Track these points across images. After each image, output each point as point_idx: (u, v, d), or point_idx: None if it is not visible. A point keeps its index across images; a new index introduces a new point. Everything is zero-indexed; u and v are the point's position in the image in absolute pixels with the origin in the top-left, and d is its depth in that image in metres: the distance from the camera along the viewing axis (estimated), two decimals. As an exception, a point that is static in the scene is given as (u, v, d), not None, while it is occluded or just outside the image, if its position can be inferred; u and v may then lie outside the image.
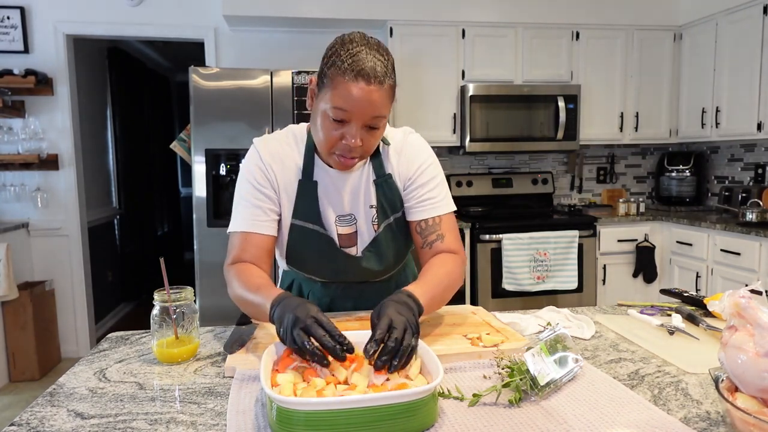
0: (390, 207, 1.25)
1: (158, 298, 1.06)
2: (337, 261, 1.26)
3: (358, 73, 1.04)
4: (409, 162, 1.25)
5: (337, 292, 1.34)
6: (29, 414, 0.84)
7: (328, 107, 1.08)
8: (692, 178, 4.11)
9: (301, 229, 1.23)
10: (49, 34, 3.58)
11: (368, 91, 1.05)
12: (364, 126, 1.09)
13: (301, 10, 3.53)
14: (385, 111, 1.09)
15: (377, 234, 1.25)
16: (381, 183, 1.25)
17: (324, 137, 1.12)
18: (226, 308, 3.11)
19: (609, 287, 3.76)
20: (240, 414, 0.83)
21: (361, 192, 1.25)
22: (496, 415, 0.82)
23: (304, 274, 1.32)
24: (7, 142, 3.53)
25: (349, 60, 1.05)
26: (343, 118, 1.08)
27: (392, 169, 1.26)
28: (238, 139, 3.10)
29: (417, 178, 1.25)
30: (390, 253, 1.28)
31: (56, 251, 3.72)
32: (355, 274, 1.29)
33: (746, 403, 0.72)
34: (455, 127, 3.78)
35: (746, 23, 3.42)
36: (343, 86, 1.05)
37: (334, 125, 1.09)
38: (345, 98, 1.05)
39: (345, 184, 1.24)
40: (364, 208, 1.25)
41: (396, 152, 1.26)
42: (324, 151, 1.15)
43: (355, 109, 1.06)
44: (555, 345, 0.94)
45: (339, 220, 1.25)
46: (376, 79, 1.05)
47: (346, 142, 1.10)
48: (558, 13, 3.84)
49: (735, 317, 0.76)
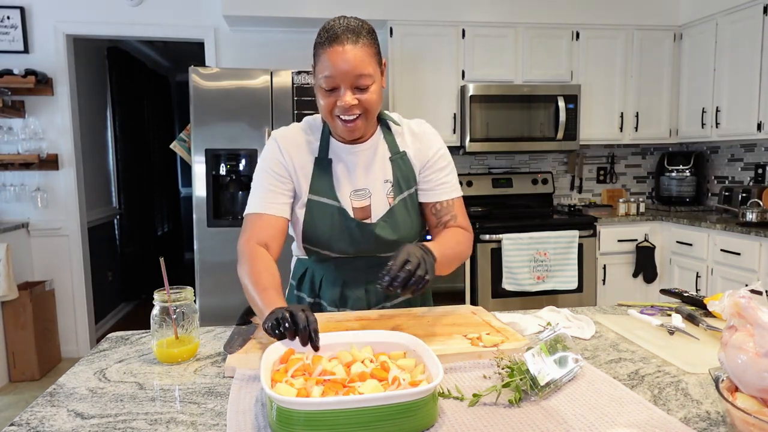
0: (405, 182, 1.33)
1: (158, 298, 1.06)
2: (352, 231, 1.29)
3: (331, 39, 1.15)
4: (427, 147, 1.35)
5: (351, 274, 1.35)
6: (29, 414, 0.84)
7: (320, 80, 1.19)
8: (692, 178, 4.11)
9: (317, 204, 1.29)
10: (49, 34, 3.58)
11: (342, 52, 1.15)
12: (353, 87, 1.18)
13: (301, 10, 3.53)
14: (366, 69, 1.17)
15: (393, 205, 1.31)
16: (396, 159, 1.33)
17: (324, 108, 1.22)
18: (226, 308, 3.13)
19: (609, 287, 3.76)
20: (240, 414, 0.83)
21: (376, 167, 1.32)
22: (496, 415, 0.82)
23: (319, 252, 1.32)
24: (7, 142, 3.53)
25: (324, 34, 1.18)
26: (332, 85, 1.17)
27: (407, 149, 1.35)
28: (238, 139, 3.10)
29: (435, 163, 1.35)
30: (403, 225, 1.32)
31: (56, 251, 3.72)
32: (369, 245, 1.31)
33: (746, 403, 0.72)
34: (455, 127, 3.78)
35: (746, 23, 3.42)
36: (324, 56, 1.17)
37: (327, 95, 1.19)
38: (326, 66, 1.16)
39: (359, 160, 1.32)
40: (379, 182, 1.32)
41: (412, 135, 1.36)
42: (329, 120, 1.24)
43: (337, 73, 1.15)
44: (555, 345, 0.95)
45: (354, 194, 1.31)
46: (348, 40, 1.15)
47: (340, 103, 1.18)
48: (558, 13, 3.84)
49: (735, 317, 0.76)
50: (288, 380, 0.82)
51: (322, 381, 0.82)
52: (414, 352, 0.92)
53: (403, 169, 1.33)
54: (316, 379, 0.82)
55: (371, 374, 0.83)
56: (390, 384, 0.81)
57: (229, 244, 3.11)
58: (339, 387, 0.80)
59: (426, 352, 0.89)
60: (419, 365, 0.88)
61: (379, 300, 1.37)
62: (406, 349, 0.93)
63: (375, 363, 0.88)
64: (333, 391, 0.79)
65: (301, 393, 0.78)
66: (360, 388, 0.79)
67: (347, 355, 0.90)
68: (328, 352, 0.94)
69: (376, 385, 0.80)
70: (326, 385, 0.81)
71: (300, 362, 0.87)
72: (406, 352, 0.93)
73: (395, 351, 0.93)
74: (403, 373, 0.84)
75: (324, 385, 0.80)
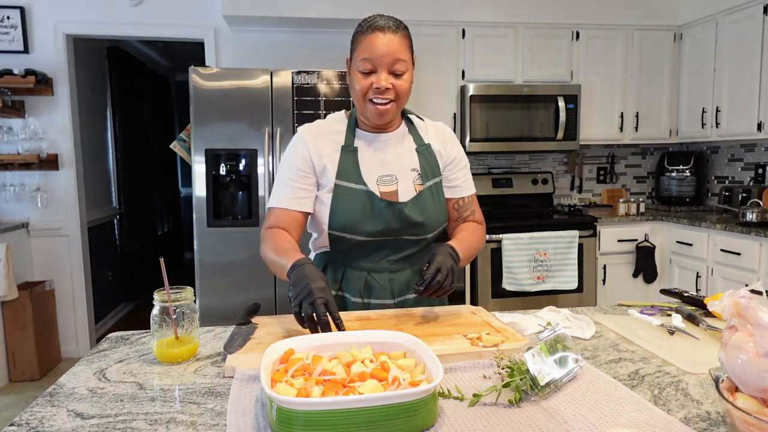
0: (431, 172, 1.41)
1: (158, 298, 1.06)
2: (380, 210, 1.33)
3: (373, 27, 1.27)
4: (452, 146, 1.47)
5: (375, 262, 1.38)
6: (29, 414, 0.84)
7: (358, 64, 1.28)
8: (692, 178, 4.11)
9: (344, 189, 1.34)
10: (49, 34, 3.58)
11: (383, 38, 1.26)
12: (389, 72, 1.27)
13: (301, 10, 3.52)
14: (404, 55, 1.28)
15: (421, 190, 1.38)
16: (422, 150, 1.41)
17: (358, 90, 1.30)
18: (226, 308, 3.13)
19: (609, 287, 3.76)
20: (240, 414, 0.83)
21: (403, 156, 1.40)
22: (496, 415, 0.82)
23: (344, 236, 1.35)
24: (7, 142, 3.53)
25: (365, 24, 1.30)
26: (370, 68, 1.27)
27: (432, 143, 1.43)
28: (238, 139, 3.10)
29: (458, 162, 1.47)
30: (431, 209, 1.38)
31: (56, 251, 3.72)
32: (397, 224, 1.34)
33: (746, 403, 0.72)
34: (455, 127, 3.78)
35: (746, 23, 3.42)
36: (364, 41, 1.27)
37: (364, 77, 1.29)
38: (367, 49, 1.27)
39: (387, 148, 1.39)
40: (406, 170, 1.39)
41: (437, 131, 1.46)
42: (361, 104, 1.32)
43: (377, 55, 1.26)
44: (555, 345, 0.94)
45: (380, 180, 1.37)
46: (389, 29, 1.27)
47: (376, 85, 1.27)
48: (558, 13, 3.84)
49: (735, 317, 0.76)
50: (288, 380, 0.82)
51: (322, 381, 0.82)
52: (414, 352, 0.92)
53: (429, 159, 1.41)
54: (316, 379, 0.82)
55: (371, 374, 0.83)
56: (390, 384, 0.81)
57: (229, 244, 3.11)
58: (339, 387, 0.80)
59: (426, 352, 0.89)
60: (419, 365, 0.88)
61: (402, 290, 1.40)
62: (406, 349, 0.93)
63: (375, 363, 0.88)
64: (333, 391, 0.79)
65: (301, 393, 0.78)
66: (360, 388, 0.79)
67: (347, 356, 0.90)
68: (328, 352, 0.94)
69: (376, 385, 0.80)
70: (326, 385, 0.81)
71: (300, 362, 0.87)
72: (406, 352, 0.93)
73: (395, 351, 0.93)
74: (403, 373, 0.84)
75: (324, 385, 0.80)
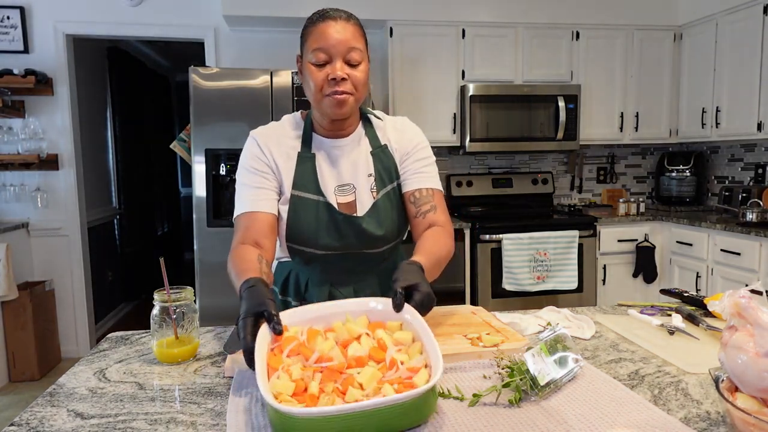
0: (387, 176, 1.32)
1: (158, 298, 1.06)
2: (338, 224, 1.26)
3: (323, 17, 1.20)
4: (409, 139, 1.35)
5: (338, 274, 1.32)
6: (29, 414, 0.84)
7: (310, 56, 1.20)
8: (692, 178, 4.11)
9: (300, 200, 1.26)
10: (49, 34, 3.58)
11: (336, 25, 1.18)
12: (344, 61, 1.19)
13: (301, 10, 3.52)
14: (358, 43, 1.20)
15: (376, 200, 1.29)
16: (378, 153, 1.32)
17: (314, 84, 1.20)
18: (226, 308, 3.13)
19: (609, 287, 3.76)
20: (240, 414, 0.83)
21: (359, 162, 1.31)
22: (496, 415, 0.82)
23: (303, 250, 1.29)
24: (7, 142, 3.53)
25: (315, 15, 1.22)
26: (324, 59, 1.18)
27: (389, 142, 1.34)
28: (238, 139, 3.09)
29: (415, 153, 1.34)
30: (388, 220, 1.30)
31: (56, 251, 3.72)
32: (355, 239, 1.27)
33: (746, 403, 0.72)
34: (455, 127, 3.78)
35: (746, 23, 3.42)
36: (316, 31, 1.19)
37: (318, 69, 1.19)
38: (319, 39, 1.18)
39: (343, 155, 1.30)
40: (363, 177, 1.30)
41: (394, 128, 1.36)
42: (317, 99, 1.22)
43: (329, 44, 1.17)
44: (555, 345, 0.94)
45: (338, 190, 1.29)
46: (340, 17, 1.20)
47: (332, 76, 1.18)
48: (558, 13, 3.84)
49: (735, 317, 0.76)
50: (285, 367, 0.82)
51: (320, 369, 0.82)
52: (410, 325, 0.93)
53: (385, 162, 1.32)
54: (313, 369, 0.82)
55: (369, 356, 0.85)
56: (388, 369, 0.83)
57: (229, 244, 3.09)
58: (336, 375, 0.81)
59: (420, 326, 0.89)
60: (417, 342, 0.89)
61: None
62: (402, 319, 0.94)
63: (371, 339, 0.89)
64: (331, 380, 0.80)
65: (299, 386, 0.79)
66: (358, 377, 0.80)
67: (343, 330, 0.91)
68: (322, 323, 0.94)
69: (374, 372, 0.81)
70: (324, 373, 0.81)
71: (295, 341, 0.87)
72: (402, 323, 0.94)
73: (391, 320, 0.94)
74: (401, 354, 0.85)
75: (322, 373, 0.81)
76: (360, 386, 0.80)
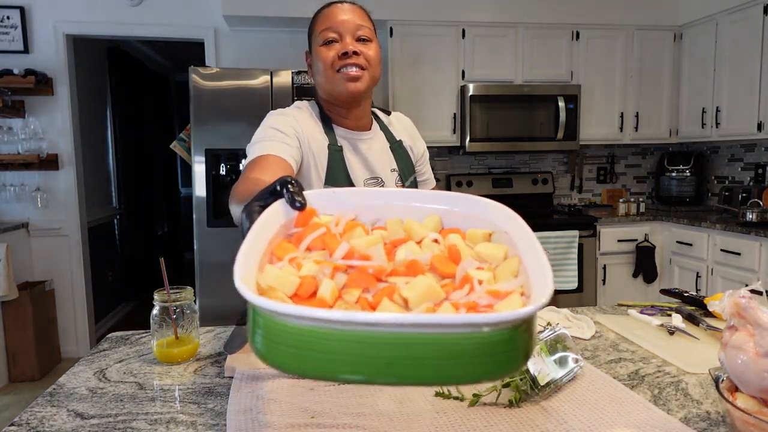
0: (407, 171, 1.36)
1: (158, 298, 1.06)
2: None
3: (330, 4, 1.21)
4: (420, 141, 1.44)
5: None
6: (29, 414, 0.84)
7: (319, 39, 1.19)
8: (692, 178, 4.11)
9: None
10: (49, 34, 3.58)
11: (342, 7, 1.19)
12: (354, 38, 1.18)
13: (301, 10, 3.52)
14: (366, 22, 1.20)
15: None
16: (396, 148, 1.35)
17: (324, 63, 1.18)
18: (226, 308, 3.12)
19: (609, 287, 3.76)
20: (240, 414, 0.83)
21: (383, 156, 1.32)
22: (496, 415, 0.82)
23: None
24: (7, 142, 3.53)
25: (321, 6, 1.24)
26: (332, 37, 1.17)
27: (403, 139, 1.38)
28: (238, 139, 3.10)
29: (425, 155, 1.45)
30: None
31: (56, 251, 3.72)
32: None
33: (746, 403, 0.72)
34: (455, 127, 3.78)
35: (746, 23, 3.42)
36: (322, 16, 1.20)
37: (328, 48, 1.18)
38: (325, 20, 1.18)
39: (368, 148, 1.29)
40: (387, 171, 1.32)
41: (403, 129, 1.40)
42: (329, 77, 1.18)
43: (337, 23, 1.17)
44: (555, 345, 0.94)
45: (366, 184, 1.28)
46: (347, 2, 1.21)
47: (342, 50, 1.15)
48: (558, 13, 3.84)
49: (735, 317, 0.76)
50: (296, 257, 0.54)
51: (345, 268, 0.53)
52: (507, 237, 0.59)
53: (403, 158, 1.35)
54: (334, 265, 0.53)
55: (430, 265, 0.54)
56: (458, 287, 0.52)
57: (229, 244, 3.11)
58: (371, 281, 0.51)
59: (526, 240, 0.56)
60: (511, 259, 0.57)
61: None
62: (496, 228, 0.61)
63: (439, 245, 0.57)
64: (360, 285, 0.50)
65: (307, 284, 0.50)
66: (404, 290, 0.49)
67: (398, 228, 0.59)
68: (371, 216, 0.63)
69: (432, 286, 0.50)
70: (350, 275, 0.52)
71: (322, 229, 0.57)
72: (493, 233, 0.61)
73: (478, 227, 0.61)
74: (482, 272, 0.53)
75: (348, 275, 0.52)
76: (404, 303, 0.49)
